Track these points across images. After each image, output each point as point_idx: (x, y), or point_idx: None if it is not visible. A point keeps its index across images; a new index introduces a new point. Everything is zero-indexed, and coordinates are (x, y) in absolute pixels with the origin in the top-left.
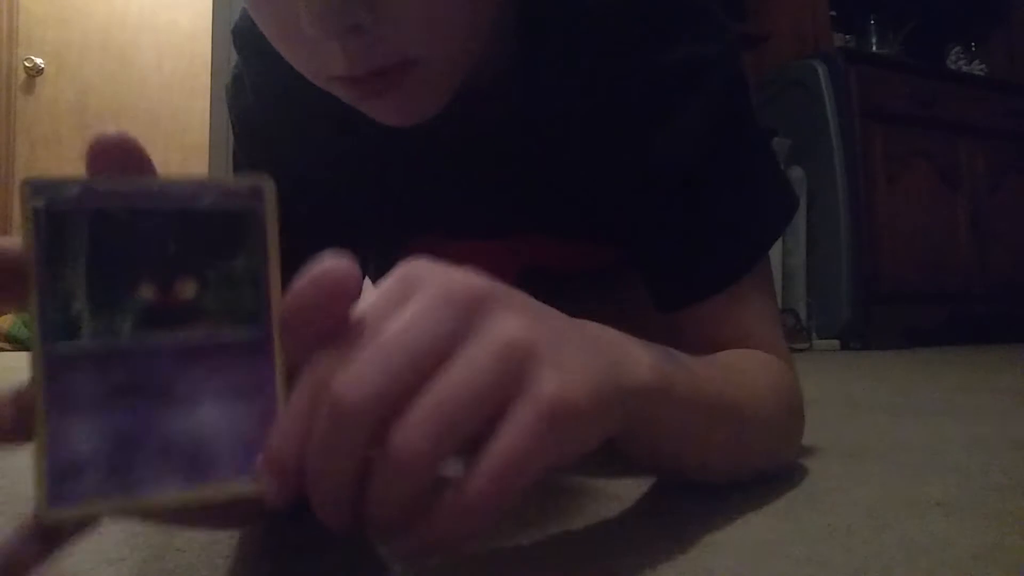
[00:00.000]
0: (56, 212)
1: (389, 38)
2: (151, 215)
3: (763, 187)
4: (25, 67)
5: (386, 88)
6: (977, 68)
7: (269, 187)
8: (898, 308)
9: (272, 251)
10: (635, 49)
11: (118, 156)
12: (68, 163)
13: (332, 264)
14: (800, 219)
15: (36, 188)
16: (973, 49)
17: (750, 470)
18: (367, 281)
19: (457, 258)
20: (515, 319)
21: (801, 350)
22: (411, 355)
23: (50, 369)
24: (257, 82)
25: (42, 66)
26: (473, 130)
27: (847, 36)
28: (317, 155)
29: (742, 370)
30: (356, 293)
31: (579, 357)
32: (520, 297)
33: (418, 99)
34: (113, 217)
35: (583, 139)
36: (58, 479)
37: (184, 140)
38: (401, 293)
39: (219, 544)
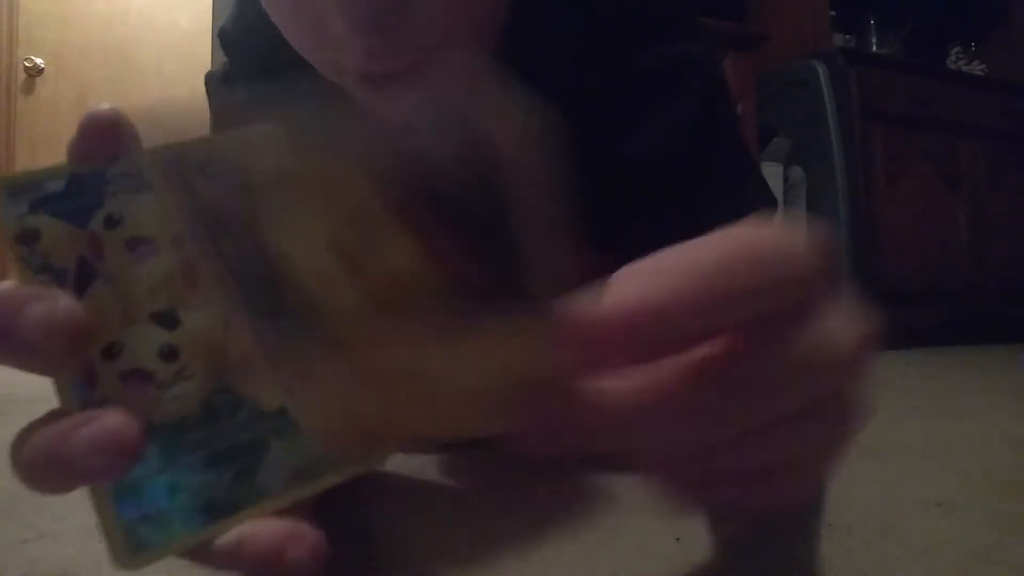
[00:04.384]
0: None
1: (410, 39)
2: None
3: (741, 187)
4: (25, 67)
5: (401, 87)
6: (977, 68)
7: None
8: (898, 308)
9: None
10: (623, 42)
11: (109, 138)
12: None
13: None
14: (800, 219)
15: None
16: (973, 49)
17: None
18: None
19: None
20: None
21: None
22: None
23: None
24: (248, 87)
25: (42, 66)
26: None
27: (847, 36)
28: None
29: None
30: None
31: None
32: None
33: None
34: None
35: (566, 131)
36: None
37: None
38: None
39: None
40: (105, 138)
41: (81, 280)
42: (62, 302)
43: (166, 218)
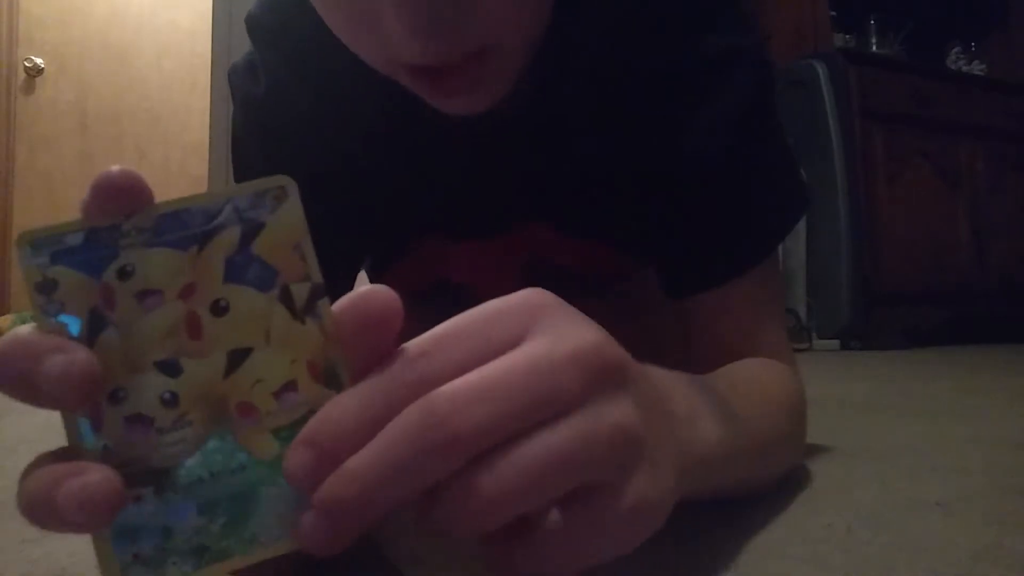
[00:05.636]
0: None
1: (468, 31)
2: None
3: (780, 182)
4: (25, 67)
5: (460, 80)
6: (977, 68)
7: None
8: (898, 308)
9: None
10: (671, 36)
11: (122, 196)
12: (68, 163)
13: (375, 291)
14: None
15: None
16: (973, 49)
17: (765, 485)
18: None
19: (460, 259)
20: (633, 406)
21: (801, 350)
22: (531, 402)
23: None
24: (271, 75)
25: (42, 66)
26: (497, 116)
27: (847, 36)
28: (329, 151)
29: (761, 392)
30: (398, 325)
31: (668, 451)
32: (646, 378)
33: (489, 86)
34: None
35: (609, 125)
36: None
37: (184, 140)
38: (522, 322)
39: None
40: (116, 197)
41: (93, 328)
42: (79, 355)
43: (174, 271)
